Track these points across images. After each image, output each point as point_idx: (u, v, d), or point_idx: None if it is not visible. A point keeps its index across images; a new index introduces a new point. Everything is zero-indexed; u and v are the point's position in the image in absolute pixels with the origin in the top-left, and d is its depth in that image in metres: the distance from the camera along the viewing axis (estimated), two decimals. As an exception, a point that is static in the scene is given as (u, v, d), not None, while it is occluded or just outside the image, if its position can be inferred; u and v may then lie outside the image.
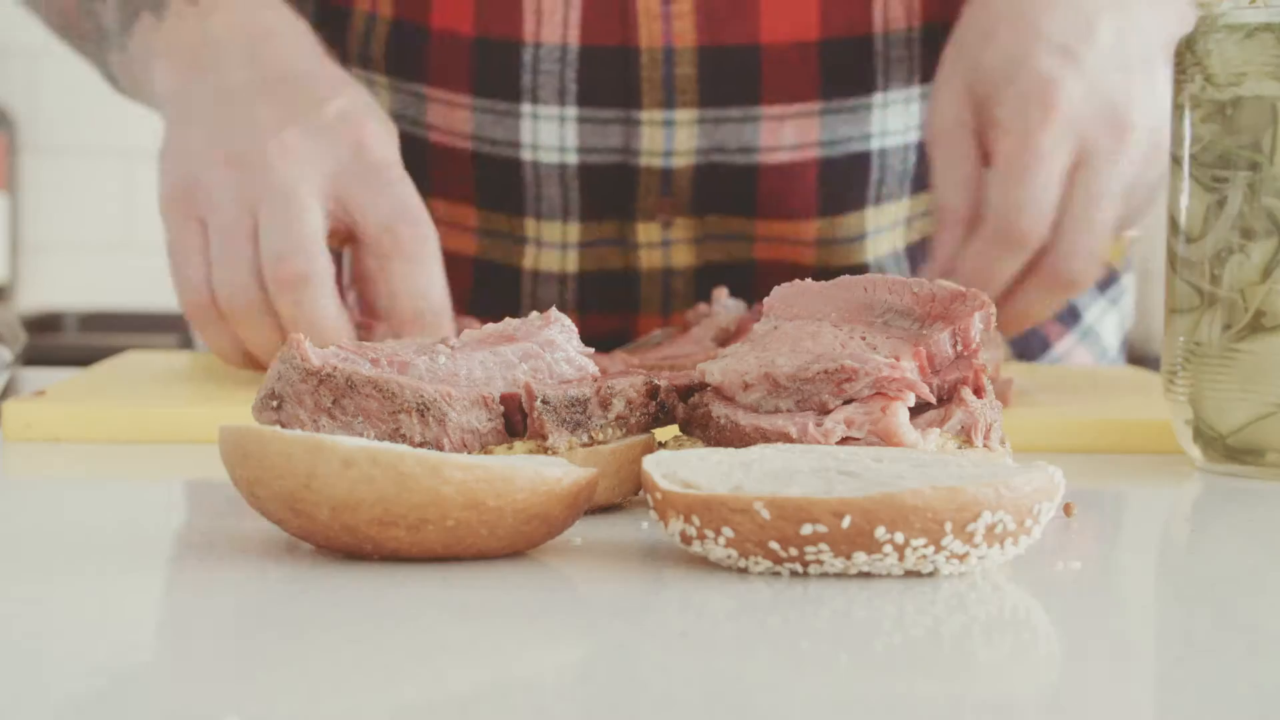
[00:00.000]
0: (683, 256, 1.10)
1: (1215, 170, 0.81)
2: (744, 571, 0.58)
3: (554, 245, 1.10)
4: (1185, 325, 0.82)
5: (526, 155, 1.07)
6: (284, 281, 0.91)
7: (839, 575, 0.57)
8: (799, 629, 0.52)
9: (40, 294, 2.92)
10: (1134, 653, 0.52)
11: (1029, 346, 1.21)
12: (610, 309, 1.12)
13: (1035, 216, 0.94)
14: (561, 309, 1.11)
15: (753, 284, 1.10)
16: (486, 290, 1.12)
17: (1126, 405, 0.95)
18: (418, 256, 0.94)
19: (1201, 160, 0.81)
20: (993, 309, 0.69)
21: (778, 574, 0.57)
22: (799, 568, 0.57)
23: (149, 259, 2.92)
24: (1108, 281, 1.26)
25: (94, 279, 2.92)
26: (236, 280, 0.93)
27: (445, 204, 1.11)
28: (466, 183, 1.10)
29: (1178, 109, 0.83)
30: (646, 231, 1.09)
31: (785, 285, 0.72)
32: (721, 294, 1.02)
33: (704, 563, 0.59)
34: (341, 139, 0.94)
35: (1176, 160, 0.83)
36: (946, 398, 0.68)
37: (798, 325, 0.70)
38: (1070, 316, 1.23)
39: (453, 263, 1.12)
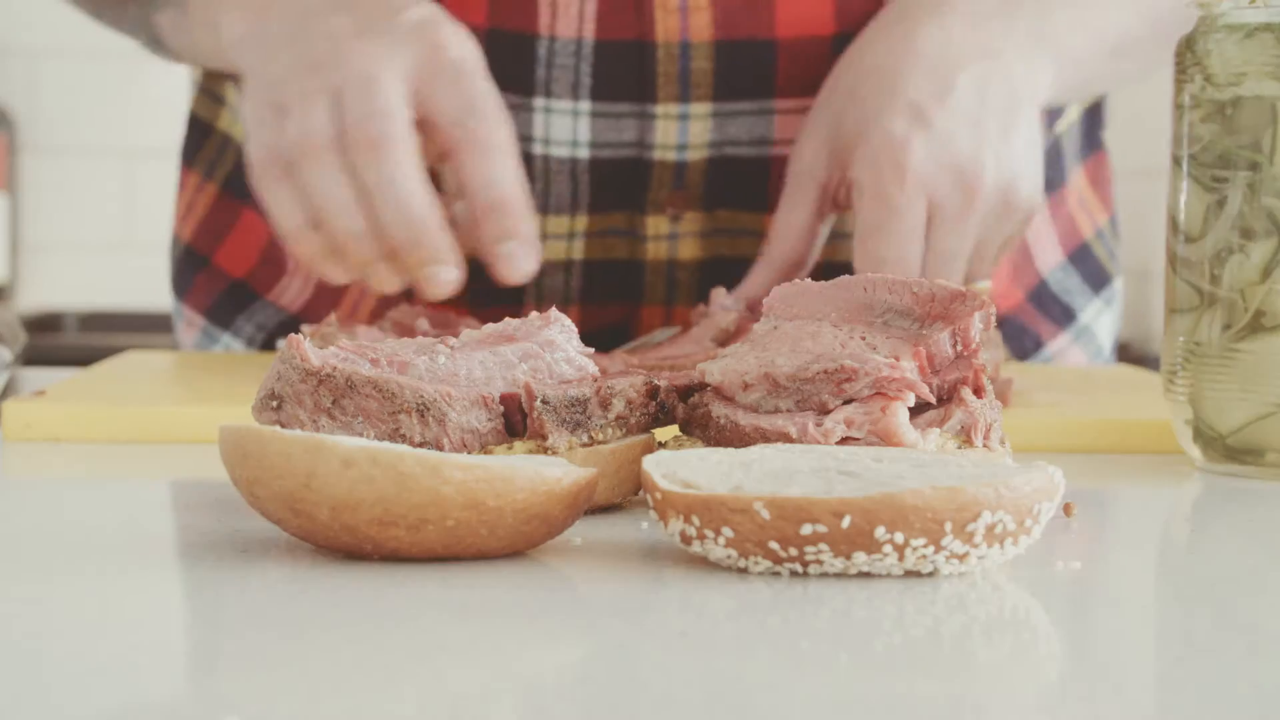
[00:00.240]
0: (689, 250, 1.10)
1: (1215, 170, 0.81)
2: (744, 571, 0.58)
3: (560, 237, 1.10)
4: (1185, 325, 0.82)
5: (538, 149, 1.07)
6: (363, 142, 0.91)
7: (839, 575, 0.57)
8: (799, 629, 0.52)
9: (40, 294, 2.92)
10: (1134, 653, 0.52)
11: (1022, 345, 1.21)
12: (613, 299, 1.12)
13: (896, 269, 0.96)
14: (565, 298, 1.11)
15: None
16: (489, 283, 1.12)
17: (1126, 405, 0.95)
18: (488, 147, 0.93)
19: (1201, 160, 0.81)
20: (993, 309, 0.69)
21: (778, 574, 0.57)
22: (799, 568, 0.57)
23: (149, 259, 2.93)
24: (1101, 282, 1.26)
25: (94, 279, 2.92)
26: (311, 134, 0.92)
27: (446, 199, 1.11)
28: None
29: (1178, 109, 0.83)
30: (655, 224, 1.09)
31: (785, 285, 0.72)
32: (721, 294, 1.02)
33: (704, 563, 0.59)
34: (419, 41, 0.94)
35: (1176, 160, 0.83)
36: (946, 398, 0.68)
37: (798, 325, 0.70)
38: (1065, 316, 1.23)
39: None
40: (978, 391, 0.68)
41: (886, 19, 1.02)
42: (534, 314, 0.71)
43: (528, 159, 1.08)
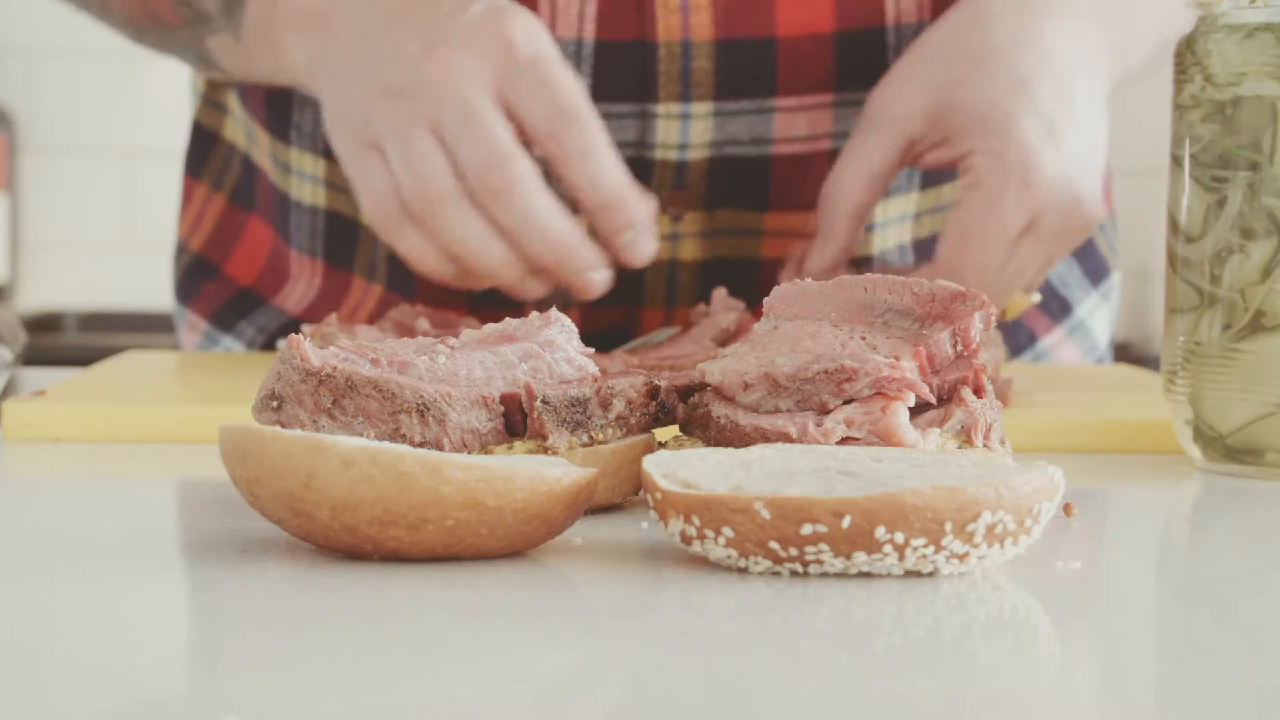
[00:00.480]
0: (689, 250, 1.10)
1: (1215, 170, 0.81)
2: (744, 571, 0.58)
3: None
4: (1185, 325, 0.82)
5: (537, 151, 1.08)
6: (493, 191, 0.92)
7: (839, 575, 0.57)
8: (799, 629, 0.52)
9: (40, 294, 2.92)
10: (1134, 653, 0.52)
11: (1016, 340, 1.22)
12: (614, 301, 1.12)
13: (981, 280, 0.96)
14: (566, 300, 1.11)
15: (758, 279, 1.11)
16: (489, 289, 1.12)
17: (1126, 405, 0.95)
18: (585, 151, 0.93)
19: (1201, 160, 0.81)
20: (993, 309, 0.69)
21: (778, 574, 0.57)
22: (799, 568, 0.57)
23: (149, 259, 2.93)
24: (1101, 275, 1.26)
25: (94, 279, 2.92)
26: (429, 179, 0.92)
27: None
28: None
29: (1178, 109, 0.83)
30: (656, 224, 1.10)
31: (785, 285, 0.72)
32: (721, 294, 1.02)
33: (704, 563, 0.59)
34: (489, 42, 0.93)
35: (1177, 160, 0.83)
36: (946, 398, 0.68)
37: (798, 325, 0.70)
38: (1061, 310, 1.23)
39: None
40: (978, 391, 0.68)
41: None
42: (534, 314, 0.71)
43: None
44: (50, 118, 2.92)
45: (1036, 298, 1.02)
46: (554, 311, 0.71)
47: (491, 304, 1.12)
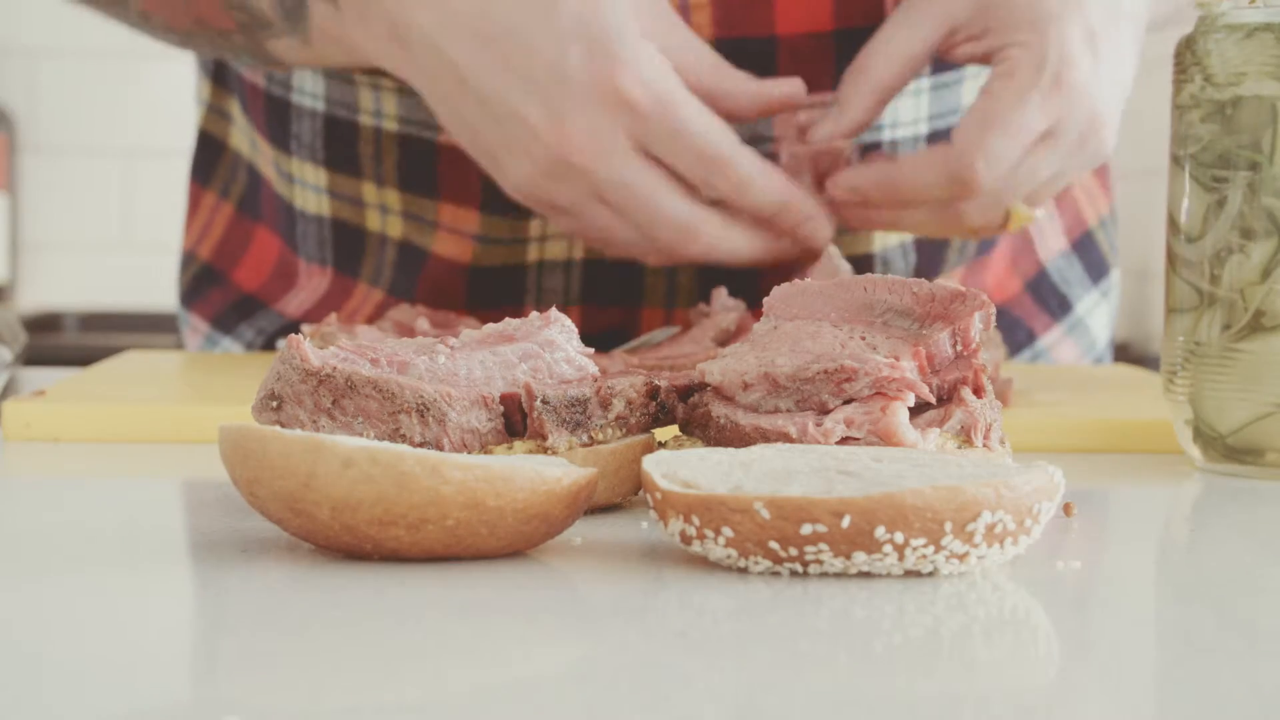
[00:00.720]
0: None
1: (1215, 170, 0.81)
2: (744, 571, 0.58)
3: (561, 237, 1.10)
4: (1185, 325, 0.82)
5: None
6: (672, 249, 0.97)
7: (839, 575, 0.57)
8: (799, 629, 0.52)
9: (40, 294, 2.92)
10: (1134, 653, 0.52)
11: (1014, 338, 1.22)
12: (614, 302, 1.12)
13: (994, 170, 0.95)
14: (565, 298, 1.11)
15: (758, 280, 1.11)
16: (490, 278, 1.12)
17: (1126, 405, 0.95)
18: (738, 188, 0.96)
19: (1201, 160, 0.81)
20: (992, 309, 0.69)
21: (778, 574, 0.57)
22: (799, 568, 0.57)
23: (149, 259, 2.93)
24: (1101, 272, 1.26)
25: (94, 279, 2.92)
26: (601, 225, 0.97)
27: (453, 208, 1.11)
28: (474, 185, 1.09)
29: (1178, 109, 0.83)
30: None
31: (785, 285, 0.72)
32: (721, 294, 1.02)
33: (704, 563, 0.59)
34: (610, 106, 0.93)
35: (1177, 160, 0.83)
36: (946, 398, 0.68)
37: (797, 325, 0.70)
38: (1060, 308, 1.23)
39: (454, 263, 1.12)
40: (978, 391, 0.68)
41: None
42: (534, 314, 0.71)
43: None
44: (50, 117, 2.92)
45: (1041, 213, 1.01)
46: (554, 311, 0.71)
47: (491, 304, 1.12)
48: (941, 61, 1.05)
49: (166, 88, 2.87)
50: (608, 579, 0.58)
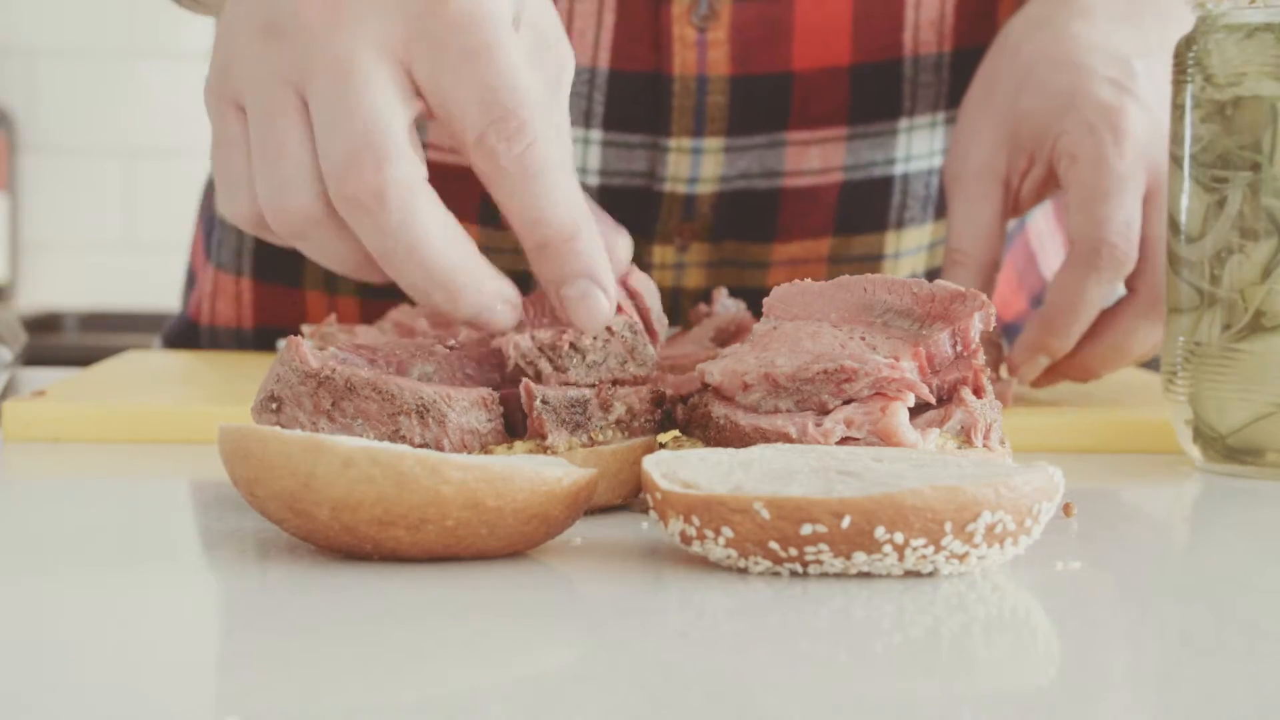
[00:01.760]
0: (694, 279, 1.10)
1: (1215, 170, 0.81)
2: (744, 571, 0.58)
3: None
4: (1185, 325, 0.82)
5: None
6: (353, 200, 0.67)
7: (839, 575, 0.57)
8: (799, 629, 0.52)
9: (40, 294, 2.92)
10: (1134, 653, 0.52)
11: (1013, 337, 1.21)
12: None
13: (1123, 233, 0.91)
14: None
15: (760, 308, 1.11)
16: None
17: (1126, 405, 0.95)
18: (524, 171, 0.68)
19: (1201, 160, 0.81)
20: (992, 309, 0.69)
21: (778, 574, 0.57)
22: (799, 568, 0.57)
23: (149, 259, 2.93)
24: None
25: (94, 279, 2.92)
26: (286, 197, 0.69)
27: None
28: (471, 200, 1.09)
29: (1178, 109, 0.83)
30: (661, 253, 1.09)
31: (785, 285, 0.72)
32: (721, 294, 1.02)
33: (704, 563, 0.59)
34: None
35: (1176, 160, 0.83)
36: (946, 398, 0.68)
37: (797, 325, 0.70)
38: None
39: None
40: (978, 391, 0.68)
41: (1026, 22, 0.98)
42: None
43: None
44: (49, 117, 2.92)
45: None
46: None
47: None
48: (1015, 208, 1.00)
49: (166, 88, 2.87)
50: (608, 579, 0.58)
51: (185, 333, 1.22)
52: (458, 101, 0.68)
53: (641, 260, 1.09)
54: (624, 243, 0.76)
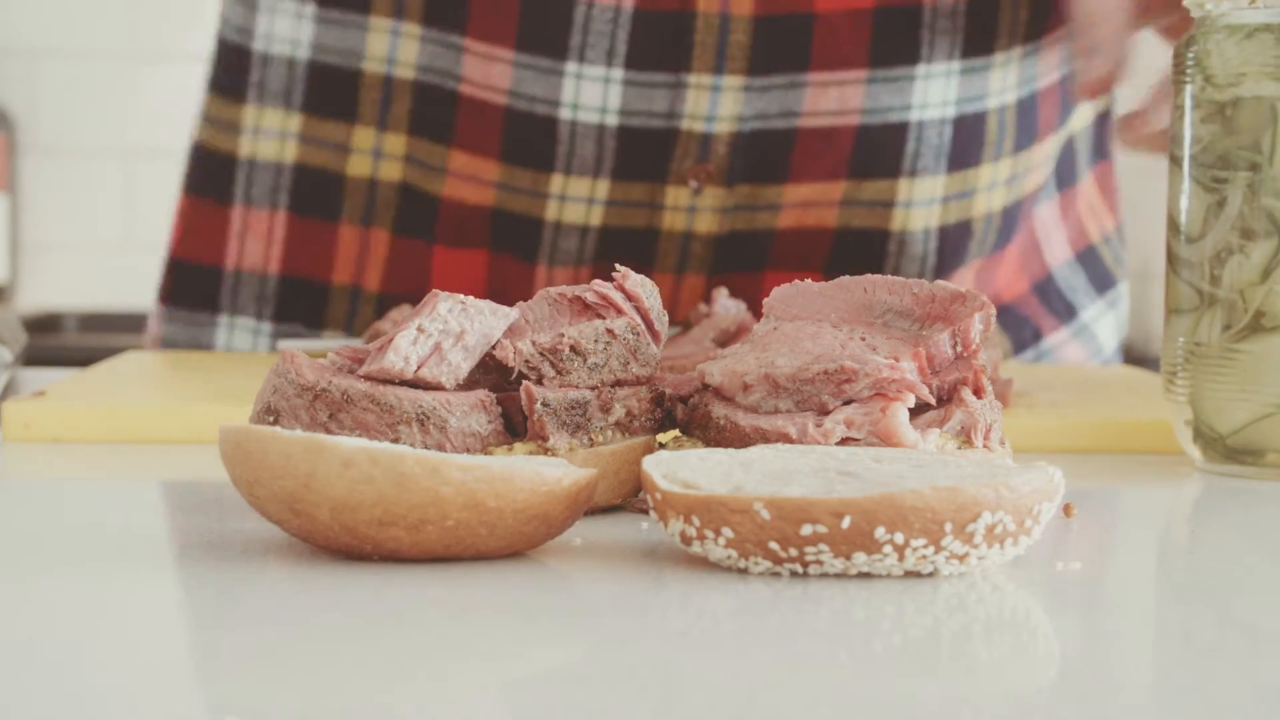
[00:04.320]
0: (705, 223, 1.11)
1: (1215, 171, 0.81)
2: (744, 572, 0.58)
3: (580, 200, 1.11)
4: (1185, 326, 0.82)
5: (565, 114, 1.08)
6: None
7: (839, 575, 0.57)
8: (799, 629, 0.52)
9: (40, 294, 2.92)
10: (1134, 653, 0.52)
11: (1021, 336, 1.22)
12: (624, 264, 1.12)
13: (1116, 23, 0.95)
14: (578, 259, 1.12)
15: (771, 251, 1.11)
16: (506, 237, 1.13)
17: (1127, 405, 0.95)
18: None
19: (1201, 161, 0.81)
20: (992, 310, 0.69)
21: (778, 574, 0.57)
22: (799, 568, 0.57)
23: (149, 259, 2.92)
24: (1106, 284, 1.27)
25: (94, 279, 2.92)
26: None
27: (466, 156, 1.11)
28: (493, 137, 1.10)
29: (1178, 109, 0.83)
30: (675, 195, 1.10)
31: (785, 286, 0.72)
32: (721, 294, 1.02)
33: (704, 563, 0.59)
34: None
35: (1176, 161, 0.83)
36: (946, 398, 0.68)
37: (797, 326, 0.70)
38: (1067, 312, 1.24)
39: (470, 212, 1.12)
40: (978, 392, 0.68)
41: None
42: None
43: (553, 123, 1.08)
44: (50, 118, 2.92)
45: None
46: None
47: (507, 248, 1.12)
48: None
49: (166, 88, 2.87)
50: (608, 579, 0.58)
51: (183, 275, 1.21)
52: None
53: (655, 203, 1.10)
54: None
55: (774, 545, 0.56)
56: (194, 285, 1.22)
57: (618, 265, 0.72)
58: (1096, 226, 1.26)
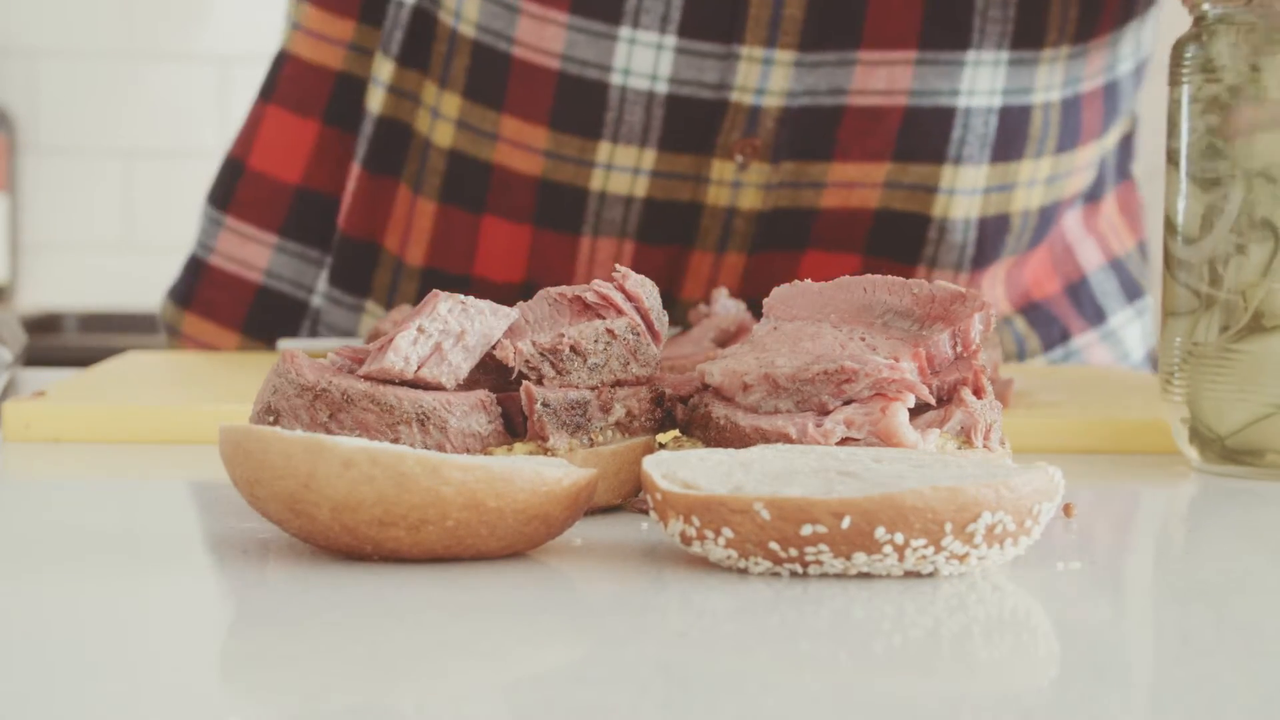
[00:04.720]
0: (749, 199, 1.11)
1: (1211, 169, 0.81)
2: (744, 572, 0.58)
3: (626, 169, 1.11)
4: (1182, 327, 0.82)
5: (616, 80, 1.08)
6: None
7: (839, 575, 0.57)
8: (799, 629, 0.52)
9: (40, 294, 2.92)
10: (1134, 653, 0.52)
11: (1049, 333, 1.22)
12: (666, 240, 1.13)
13: None
14: (622, 232, 1.12)
15: (811, 231, 1.11)
16: (551, 206, 1.13)
17: (1125, 406, 0.95)
18: None
19: (1198, 159, 0.81)
20: (992, 310, 0.69)
21: (778, 574, 0.57)
22: (799, 568, 0.57)
23: (149, 259, 2.93)
24: (1134, 293, 1.28)
25: (94, 279, 2.92)
26: None
27: (518, 122, 1.11)
28: (544, 102, 1.10)
29: (1174, 107, 0.83)
30: (720, 169, 1.11)
31: (785, 286, 0.72)
32: (721, 294, 1.02)
33: (704, 563, 0.59)
34: None
35: (1174, 161, 0.83)
36: (946, 398, 0.68)
37: (797, 326, 0.70)
38: (1096, 316, 1.25)
39: (517, 180, 1.12)
40: (978, 392, 0.68)
41: None
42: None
43: (603, 89, 1.08)
44: (50, 118, 2.92)
45: None
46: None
47: (551, 224, 1.12)
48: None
49: (166, 88, 2.87)
50: (608, 579, 0.58)
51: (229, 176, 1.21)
52: None
53: (700, 176, 1.11)
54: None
55: (774, 545, 0.56)
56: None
57: (618, 267, 0.72)
58: (1118, 243, 1.28)
